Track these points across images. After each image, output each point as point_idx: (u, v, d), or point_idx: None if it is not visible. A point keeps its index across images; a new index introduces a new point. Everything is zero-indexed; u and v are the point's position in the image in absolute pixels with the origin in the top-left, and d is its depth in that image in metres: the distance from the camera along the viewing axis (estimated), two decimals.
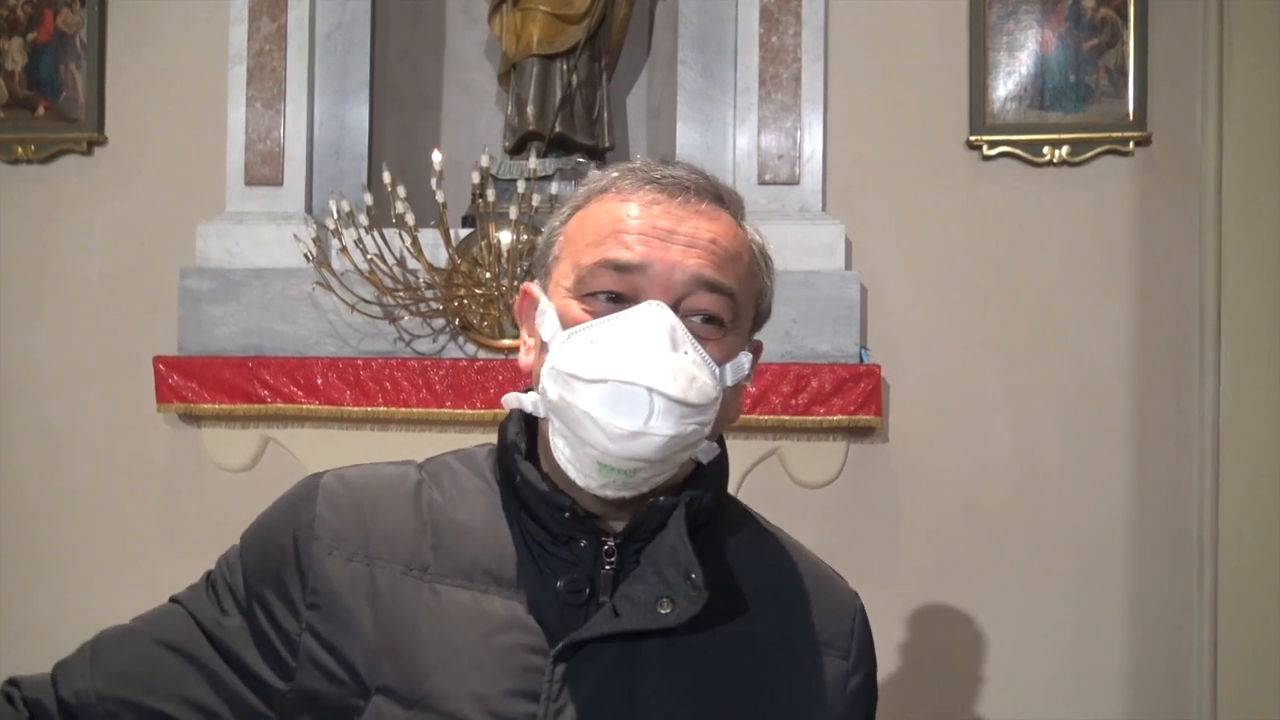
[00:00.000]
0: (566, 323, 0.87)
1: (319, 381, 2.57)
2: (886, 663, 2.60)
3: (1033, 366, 2.61)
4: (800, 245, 2.55)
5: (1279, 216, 2.43)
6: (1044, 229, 2.62)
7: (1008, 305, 2.62)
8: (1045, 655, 2.59)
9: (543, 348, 0.90)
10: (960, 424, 2.63)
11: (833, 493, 2.60)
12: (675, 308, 0.85)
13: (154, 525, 2.82)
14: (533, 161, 2.49)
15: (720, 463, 0.95)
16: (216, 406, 2.60)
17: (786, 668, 0.93)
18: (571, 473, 0.86)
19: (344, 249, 2.52)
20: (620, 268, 0.86)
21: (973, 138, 2.62)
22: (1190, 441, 2.55)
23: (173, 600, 0.99)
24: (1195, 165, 2.56)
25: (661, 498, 0.89)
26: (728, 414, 0.92)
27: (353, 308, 2.56)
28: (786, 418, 2.46)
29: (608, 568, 0.89)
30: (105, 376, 2.84)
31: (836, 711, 0.95)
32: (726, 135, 2.66)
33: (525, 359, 0.95)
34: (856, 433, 2.57)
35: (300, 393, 2.57)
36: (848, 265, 2.58)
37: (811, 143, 2.61)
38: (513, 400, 0.92)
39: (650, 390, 0.81)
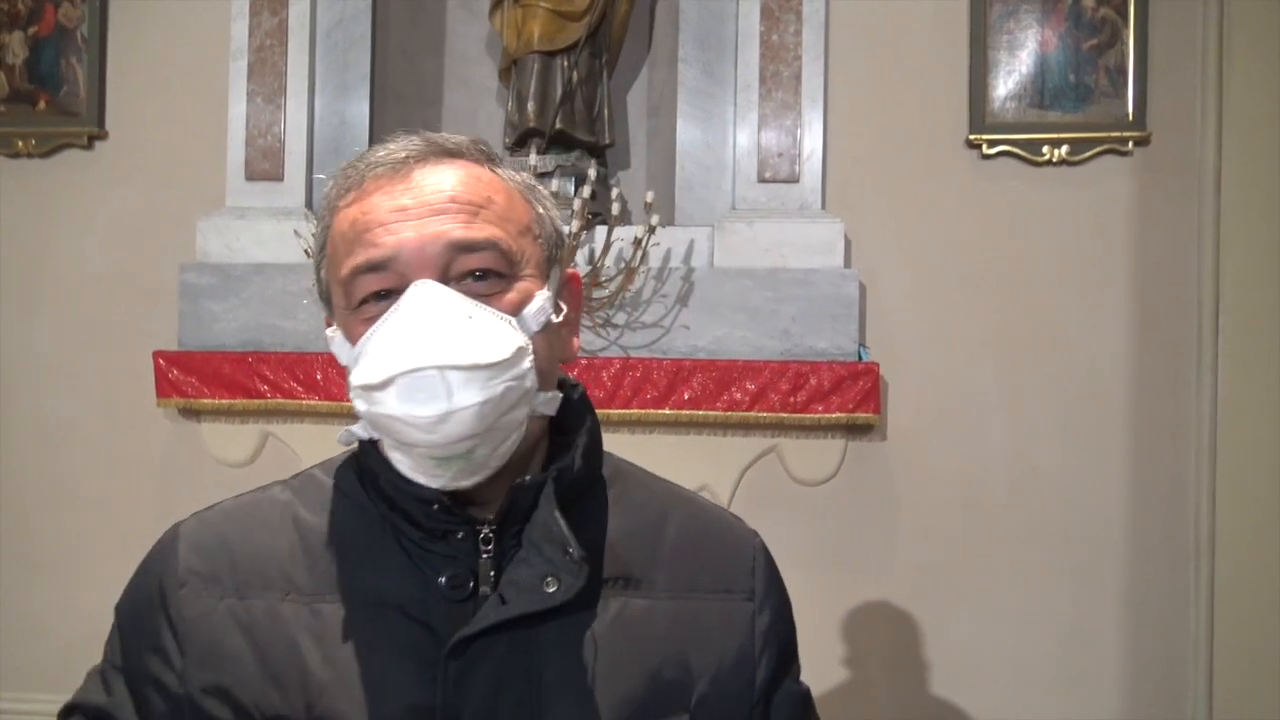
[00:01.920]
0: (353, 339, 0.84)
1: (319, 377, 2.57)
2: (881, 659, 2.61)
3: (1031, 365, 2.62)
4: (799, 243, 2.56)
5: (1278, 216, 2.43)
6: (1043, 228, 2.62)
7: (1006, 304, 2.63)
8: (1042, 652, 2.59)
9: (347, 373, 0.86)
10: (958, 422, 2.64)
11: (831, 490, 2.61)
12: (446, 278, 0.82)
13: (153, 520, 2.77)
14: (533, 158, 2.50)
15: (585, 424, 0.91)
16: (216, 402, 2.61)
17: (689, 623, 0.91)
18: (419, 479, 0.83)
19: None
20: (374, 266, 0.82)
21: (972, 137, 2.63)
22: (1187, 440, 2.56)
23: (66, 709, 0.96)
24: (1194, 165, 2.56)
25: (528, 476, 0.86)
26: (559, 355, 0.89)
27: None
28: (785, 415, 2.47)
29: (486, 556, 0.86)
30: (105, 371, 2.85)
31: (747, 654, 0.92)
32: (727, 133, 2.66)
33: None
34: (855, 430, 2.57)
35: (300, 388, 2.58)
36: (847, 263, 2.59)
37: (811, 141, 2.61)
38: (344, 437, 0.89)
39: (440, 369, 0.77)
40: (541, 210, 0.90)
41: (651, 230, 2.45)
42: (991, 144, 2.62)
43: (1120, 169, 2.60)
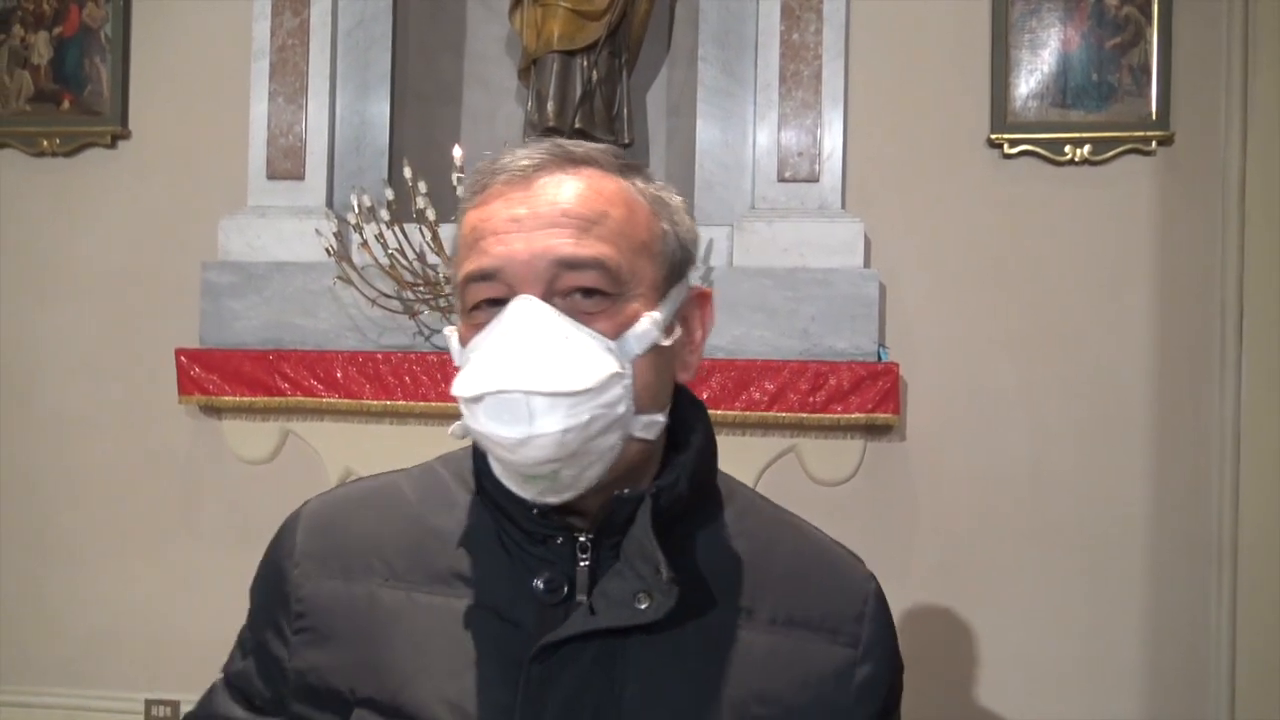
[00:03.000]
0: (464, 342, 0.85)
1: (339, 375, 2.58)
2: (902, 658, 2.60)
3: (1052, 366, 2.60)
4: (819, 243, 2.55)
5: None
6: (1065, 228, 2.61)
7: (1027, 305, 2.61)
8: (1061, 655, 2.58)
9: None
10: (978, 423, 2.62)
11: (849, 490, 2.60)
12: (552, 293, 0.81)
13: (174, 516, 2.84)
14: None
15: (698, 444, 0.90)
16: (237, 399, 2.63)
17: (785, 661, 0.88)
18: (512, 487, 0.84)
19: (365, 244, 2.53)
20: (485, 275, 0.83)
21: (994, 136, 2.61)
22: (1209, 440, 2.54)
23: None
24: (1218, 165, 2.54)
25: (627, 490, 0.85)
26: (669, 377, 0.88)
27: (373, 302, 2.58)
28: (804, 415, 2.47)
29: (583, 564, 0.86)
30: (127, 368, 2.87)
31: (841, 705, 0.89)
32: (746, 132, 2.66)
33: None
34: (874, 431, 2.57)
35: (320, 386, 2.59)
36: (866, 263, 2.58)
37: (831, 140, 2.61)
38: (458, 430, 0.87)
39: (526, 393, 0.77)
40: (667, 226, 0.88)
41: None
42: (1013, 143, 2.60)
43: (1143, 169, 2.58)
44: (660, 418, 0.86)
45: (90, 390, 2.89)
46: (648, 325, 0.83)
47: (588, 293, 0.82)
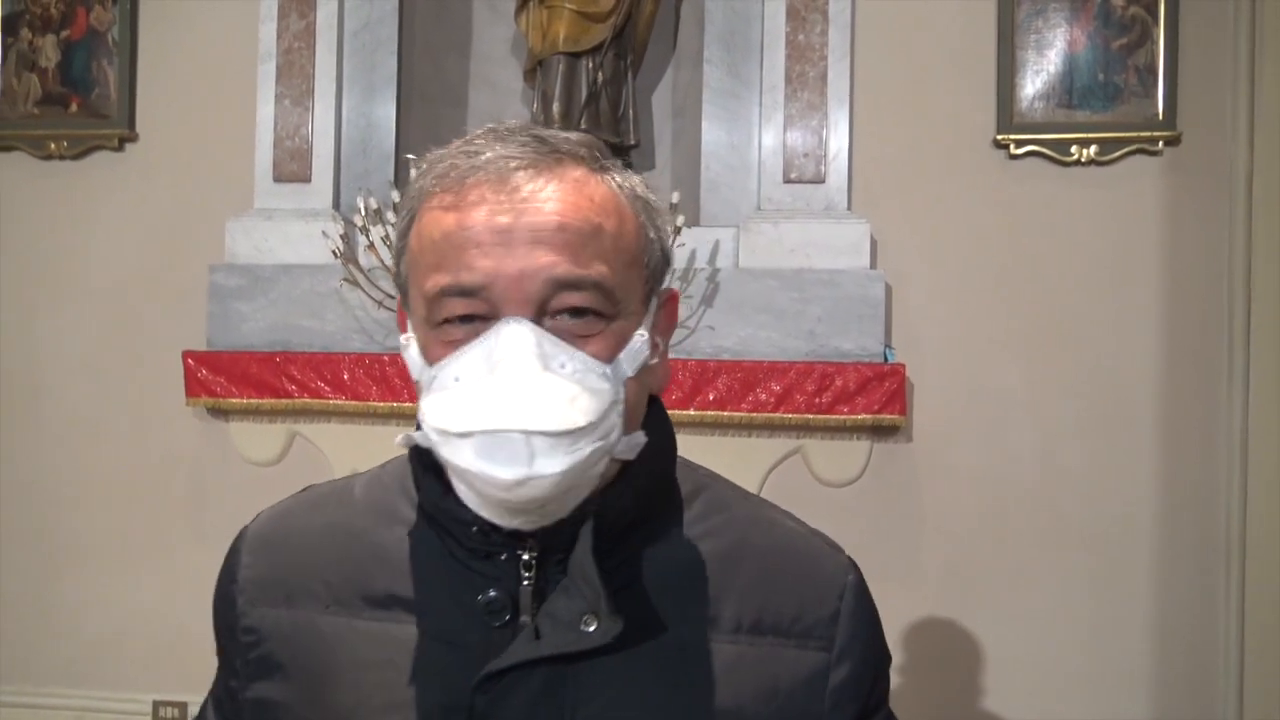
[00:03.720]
0: (430, 358, 0.77)
1: (345, 377, 2.59)
2: (909, 661, 2.60)
3: (1059, 367, 2.60)
4: (825, 244, 2.55)
5: None
6: (1072, 229, 2.60)
7: (1034, 305, 2.61)
8: (1069, 655, 2.58)
9: (417, 385, 0.80)
10: (984, 424, 2.62)
11: (856, 492, 2.60)
12: (541, 313, 0.75)
13: (181, 518, 2.85)
14: None
15: (649, 452, 0.81)
16: (244, 401, 2.63)
17: (750, 671, 0.82)
18: (485, 515, 0.76)
19: (371, 245, 2.54)
20: (465, 291, 0.75)
21: (1000, 136, 2.61)
22: (1218, 441, 2.54)
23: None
24: (1225, 165, 2.54)
25: (566, 515, 0.78)
26: (647, 391, 0.83)
27: (379, 304, 2.58)
28: (810, 416, 2.46)
29: (526, 583, 0.79)
30: (134, 370, 2.88)
31: (814, 712, 0.82)
32: (752, 133, 2.66)
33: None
34: (880, 432, 2.57)
35: (327, 388, 2.60)
36: (873, 264, 2.58)
37: (837, 141, 2.61)
38: (404, 441, 0.82)
39: (525, 433, 0.70)
40: (653, 235, 0.82)
41: (676, 231, 2.45)
42: (1019, 144, 2.60)
43: (1150, 169, 2.58)
44: (641, 436, 0.80)
45: (97, 392, 2.90)
46: (640, 344, 0.79)
47: (577, 312, 0.76)
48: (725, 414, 2.47)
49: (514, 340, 0.73)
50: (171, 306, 2.84)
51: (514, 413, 0.71)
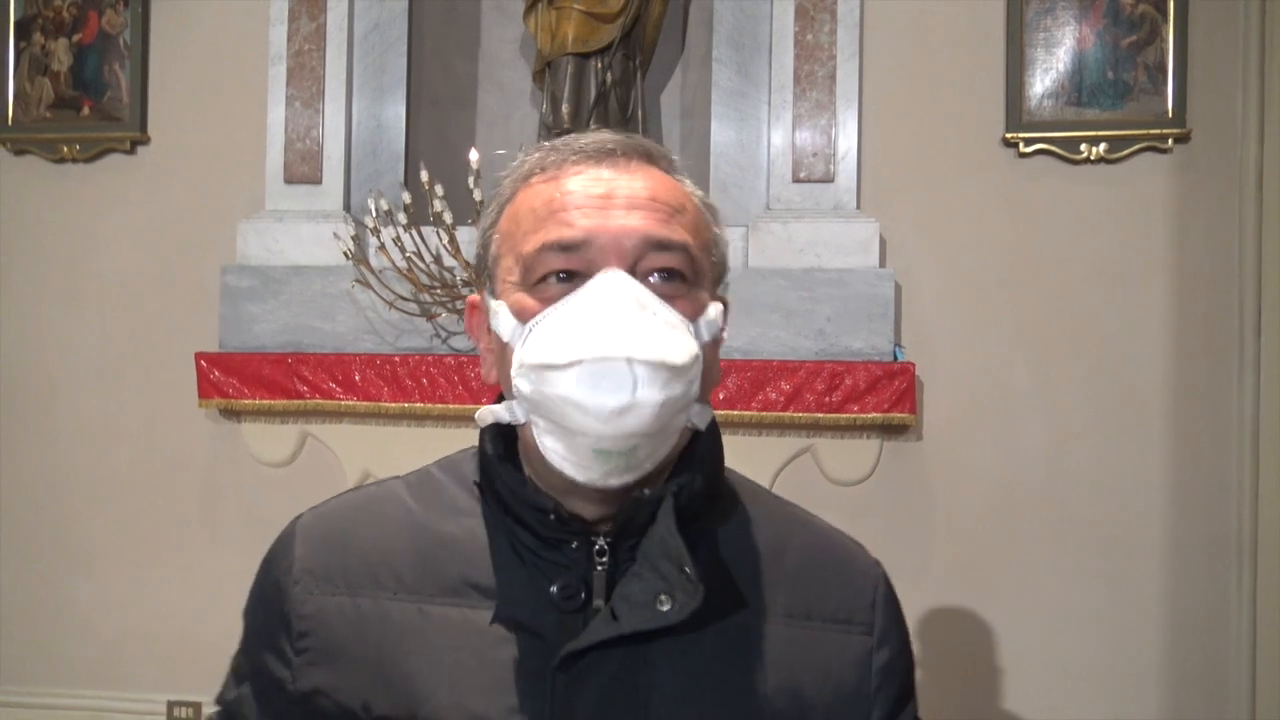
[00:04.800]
0: (524, 316, 0.82)
1: (357, 378, 2.60)
2: (920, 659, 2.60)
3: (1068, 365, 2.60)
4: (834, 243, 2.56)
5: None
6: (1081, 227, 2.60)
7: (1043, 303, 2.61)
8: (1080, 654, 2.58)
9: (504, 350, 0.85)
10: (995, 422, 2.62)
11: (866, 490, 2.61)
12: (632, 272, 0.81)
13: (194, 519, 2.87)
14: None
15: (710, 442, 0.89)
16: (256, 402, 2.65)
17: (804, 652, 0.88)
18: (569, 470, 0.81)
19: (382, 247, 2.55)
20: (565, 246, 0.81)
21: (1009, 135, 2.61)
22: (1228, 439, 2.54)
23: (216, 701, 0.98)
24: (1235, 163, 2.54)
25: (646, 490, 0.83)
26: (710, 374, 0.87)
27: (390, 305, 2.59)
28: (820, 415, 2.47)
29: (600, 568, 0.84)
30: (148, 371, 2.89)
31: (863, 692, 0.89)
32: (761, 133, 2.67)
33: (488, 373, 0.90)
34: (890, 430, 2.57)
35: (338, 389, 2.61)
36: (882, 263, 2.59)
37: (846, 140, 2.61)
38: (487, 415, 0.86)
39: (629, 360, 0.76)
40: (718, 231, 0.90)
41: None
42: (1028, 142, 2.60)
43: (1160, 167, 2.58)
44: (709, 409, 0.87)
45: (110, 394, 2.92)
46: (715, 314, 0.86)
47: (666, 276, 0.82)
48: (736, 413, 2.48)
49: (615, 284, 0.80)
50: (183, 308, 2.86)
51: (620, 341, 0.76)
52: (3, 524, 2.96)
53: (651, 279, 0.82)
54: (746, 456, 2.53)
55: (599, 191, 0.83)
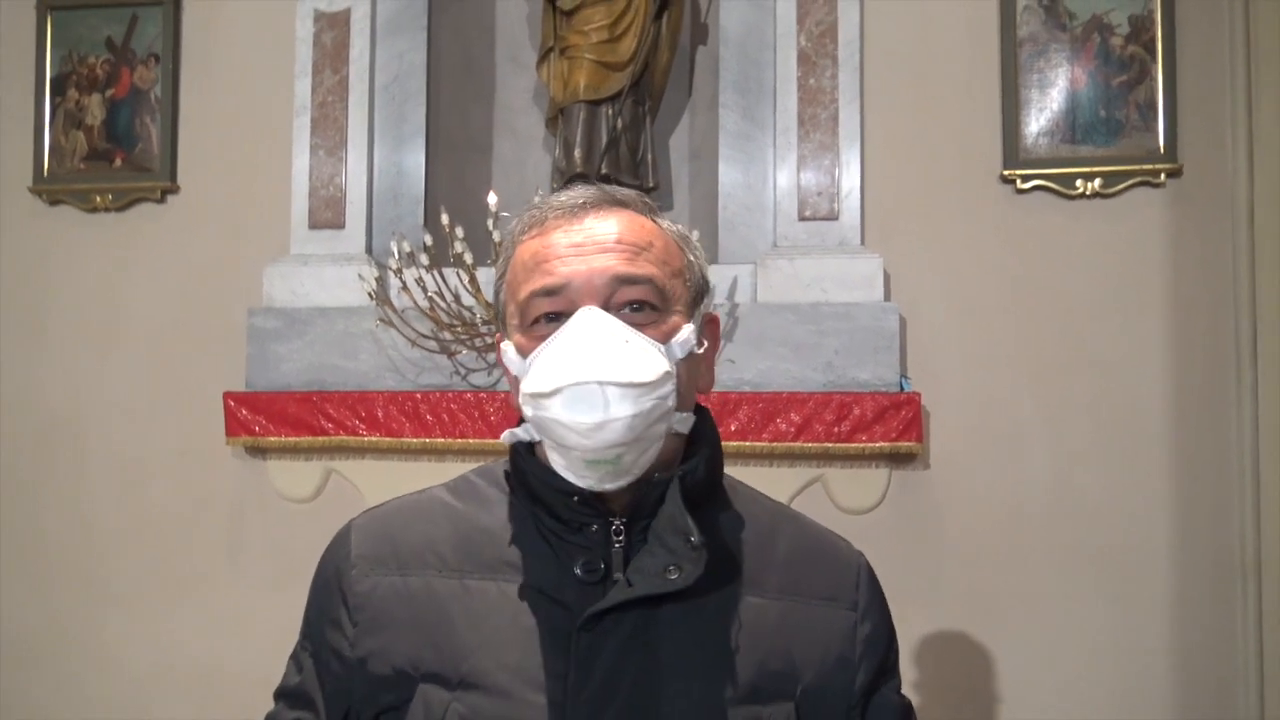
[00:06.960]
0: (524, 353, 0.98)
1: (379, 414, 2.68)
2: (929, 682, 2.64)
3: (1070, 392, 2.66)
4: (840, 278, 2.63)
5: None
6: (1078, 259, 2.67)
7: (1044, 334, 2.68)
8: (1091, 676, 2.61)
9: (516, 382, 1.00)
10: (999, 450, 2.68)
11: (876, 519, 2.66)
12: (607, 306, 0.95)
13: (221, 554, 2.94)
14: None
15: (708, 438, 1.03)
16: (282, 439, 2.73)
17: (796, 623, 1.02)
18: (571, 477, 0.96)
19: (405, 287, 2.64)
20: (549, 291, 0.97)
21: (1006, 172, 2.69)
22: (1229, 462, 2.58)
23: (275, 695, 1.10)
24: (1226, 195, 2.61)
25: (656, 475, 0.97)
26: (696, 384, 1.02)
27: (413, 343, 2.67)
28: (830, 445, 2.53)
29: (618, 546, 0.98)
30: (177, 411, 2.98)
31: (848, 658, 1.03)
32: (767, 174, 2.76)
33: (514, 400, 1.03)
34: (898, 459, 2.62)
35: (362, 425, 2.69)
36: (887, 297, 2.66)
37: (849, 179, 2.69)
38: (508, 437, 1.03)
39: (600, 384, 0.90)
40: (692, 258, 1.04)
41: None
42: (1025, 178, 2.68)
43: (1153, 200, 2.65)
44: (691, 416, 1.01)
45: (141, 433, 3.00)
46: (687, 334, 0.99)
47: (637, 307, 0.97)
48: (747, 444, 2.54)
49: (588, 319, 0.95)
50: (212, 349, 2.95)
51: (590, 368, 0.91)
52: (36, 560, 3.03)
53: (624, 311, 0.96)
54: (759, 486, 2.56)
55: (576, 240, 0.98)
